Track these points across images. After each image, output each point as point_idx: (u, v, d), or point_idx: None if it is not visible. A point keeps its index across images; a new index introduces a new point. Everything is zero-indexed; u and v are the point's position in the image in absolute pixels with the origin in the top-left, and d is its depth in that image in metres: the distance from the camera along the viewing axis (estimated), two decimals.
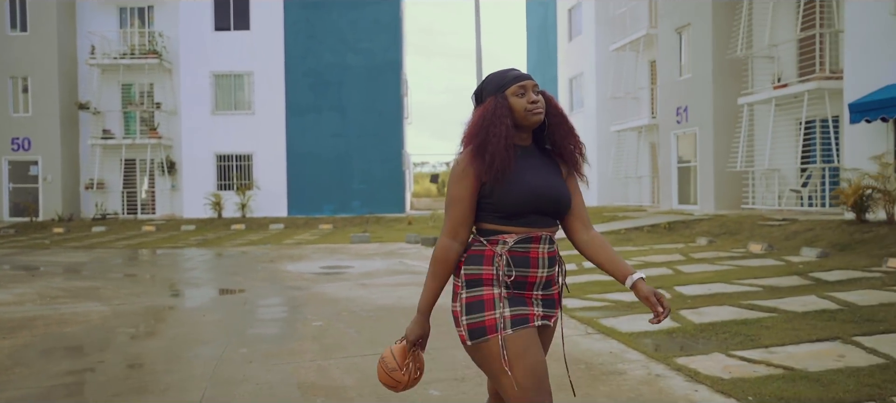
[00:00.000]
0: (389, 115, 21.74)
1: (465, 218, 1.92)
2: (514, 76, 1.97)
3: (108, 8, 22.03)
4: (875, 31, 11.27)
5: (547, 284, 1.97)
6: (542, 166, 1.99)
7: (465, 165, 1.92)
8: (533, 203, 1.91)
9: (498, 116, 1.91)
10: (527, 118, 1.93)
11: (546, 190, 1.94)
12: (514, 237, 1.91)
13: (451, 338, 3.00)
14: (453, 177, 1.95)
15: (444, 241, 1.94)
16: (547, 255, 1.95)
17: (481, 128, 1.91)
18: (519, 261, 1.90)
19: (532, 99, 1.93)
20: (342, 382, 4.19)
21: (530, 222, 1.92)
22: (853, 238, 9.67)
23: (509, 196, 1.88)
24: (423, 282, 1.99)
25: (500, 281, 1.89)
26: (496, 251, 1.90)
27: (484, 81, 2.04)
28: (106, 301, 7.50)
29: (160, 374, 4.51)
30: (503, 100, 1.93)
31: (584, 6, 23.10)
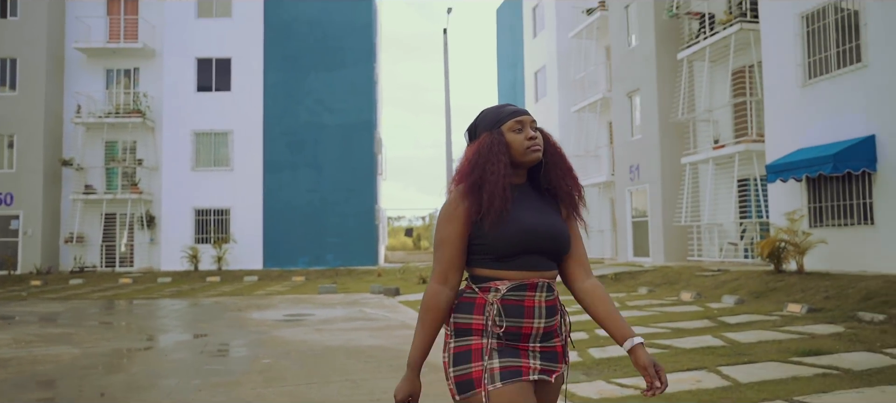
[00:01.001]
0: (363, 172, 22.76)
1: (455, 261, 1.78)
2: (511, 111, 1.86)
3: (95, 69, 23.12)
4: (788, 100, 12.56)
5: (546, 336, 1.79)
6: (538, 205, 1.85)
7: (455, 204, 1.79)
8: (528, 243, 1.76)
9: (494, 153, 1.79)
10: (525, 155, 1.82)
11: (543, 228, 1.79)
12: (506, 284, 1.75)
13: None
14: (443, 218, 1.81)
15: (434, 287, 1.78)
16: (545, 304, 1.78)
17: (476, 165, 1.79)
18: (512, 310, 1.74)
19: (530, 135, 1.82)
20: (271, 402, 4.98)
21: (526, 265, 1.76)
22: (768, 286, 10.63)
23: (503, 237, 1.74)
24: (414, 331, 1.83)
25: (489, 331, 1.73)
26: (488, 299, 1.75)
27: (479, 116, 1.91)
28: (77, 344, 8.19)
29: (120, 400, 5.26)
30: (500, 136, 1.82)
31: (547, 69, 24.60)
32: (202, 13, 22.95)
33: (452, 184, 1.85)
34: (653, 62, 17.34)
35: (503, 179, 1.76)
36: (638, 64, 18.11)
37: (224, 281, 19.21)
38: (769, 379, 5.27)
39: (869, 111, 10.80)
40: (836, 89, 11.50)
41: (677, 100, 16.70)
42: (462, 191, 1.80)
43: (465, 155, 1.87)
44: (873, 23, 10.73)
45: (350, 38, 22.94)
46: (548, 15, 24.57)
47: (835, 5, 11.57)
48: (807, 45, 12.21)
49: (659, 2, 17.27)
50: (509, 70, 28.86)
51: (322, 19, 22.88)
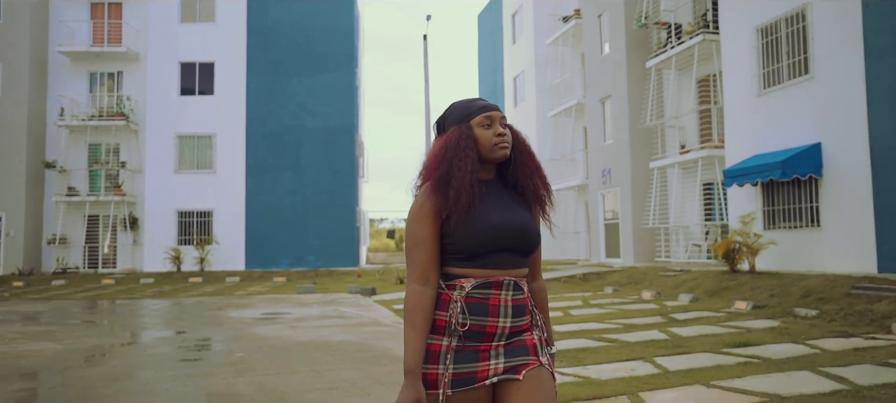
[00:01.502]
0: (344, 175, 23.20)
1: (432, 261, 1.74)
2: (481, 105, 1.82)
3: (79, 73, 23.37)
4: (745, 109, 13.20)
5: (514, 334, 1.75)
6: (506, 201, 1.81)
7: (422, 203, 1.75)
8: (497, 241, 1.73)
9: (462, 148, 1.76)
10: (493, 152, 1.79)
11: (512, 226, 1.76)
12: (472, 281, 1.73)
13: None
14: (412, 218, 1.77)
15: (415, 287, 1.74)
16: (511, 303, 1.75)
17: (443, 159, 1.76)
18: (476, 309, 1.72)
19: (499, 131, 1.79)
20: (242, 391, 5.44)
21: (494, 263, 1.74)
22: (722, 285, 11.23)
23: (471, 235, 1.71)
24: (403, 336, 1.74)
25: (452, 330, 1.71)
26: (452, 296, 1.73)
27: (448, 109, 1.88)
28: (59, 341, 8.59)
29: (99, 389, 5.70)
30: (468, 131, 1.78)
31: (526, 75, 25.19)
32: (186, 18, 23.28)
33: (419, 178, 1.83)
34: (623, 70, 17.96)
35: (470, 175, 1.73)
36: (610, 71, 18.73)
37: (206, 282, 19.56)
38: (696, 368, 5.83)
39: (815, 120, 11.44)
40: (787, 99, 12.15)
41: (647, 107, 17.32)
42: (429, 187, 1.76)
43: (433, 149, 1.83)
44: (819, 37, 11.38)
45: (332, 43, 23.38)
46: (526, 22, 25.16)
47: (786, 19, 12.22)
48: (761, 57, 12.85)
49: (629, 12, 17.89)
50: (490, 74, 29.43)
51: (304, 24, 23.31)
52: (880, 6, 10.23)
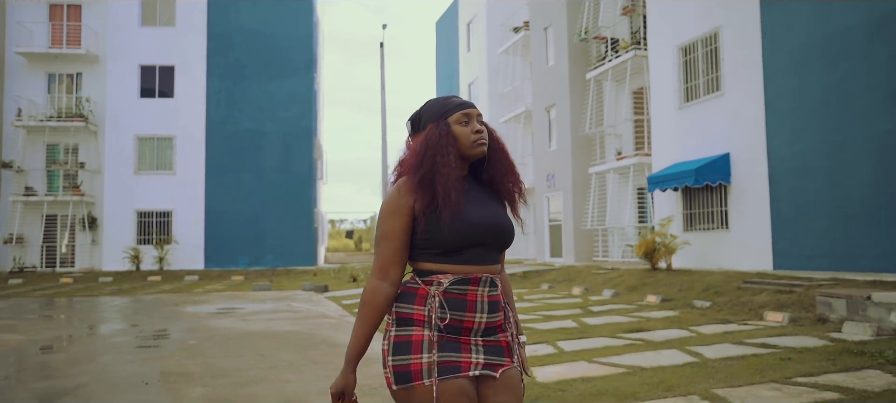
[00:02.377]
0: (302, 177, 23.88)
1: (396, 257, 1.75)
2: (458, 103, 1.83)
3: (36, 73, 23.51)
4: (669, 120, 14.44)
5: (489, 331, 1.78)
6: (482, 198, 1.84)
7: (400, 198, 1.75)
8: (475, 237, 1.75)
9: (444, 145, 1.76)
10: (471, 149, 1.80)
11: (489, 222, 1.78)
12: (449, 277, 1.74)
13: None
14: (385, 212, 1.77)
15: (373, 283, 1.75)
16: (487, 299, 1.76)
17: (425, 157, 1.75)
18: (454, 304, 1.73)
19: (477, 128, 1.81)
20: (192, 370, 6.26)
21: (471, 259, 1.75)
22: (642, 281, 12.39)
23: (450, 231, 1.72)
24: (352, 329, 1.79)
25: (432, 323, 1.72)
26: (430, 291, 1.74)
27: (423, 107, 1.89)
28: (22, 333, 9.21)
29: (63, 370, 6.45)
30: (447, 128, 1.79)
31: (479, 82, 26.26)
32: (146, 22, 23.65)
33: (394, 174, 1.84)
34: (566, 80, 19.14)
35: (455, 171, 1.74)
36: (554, 81, 19.89)
37: (165, 281, 20.03)
38: (587, 349, 6.85)
39: (725, 133, 12.71)
40: (703, 113, 13.41)
41: (586, 116, 18.50)
42: (409, 184, 1.75)
43: (411, 146, 1.83)
44: (728, 58, 12.65)
45: (291, 48, 24.04)
46: (479, 31, 26.23)
47: (702, 40, 13.49)
48: (683, 74, 14.11)
49: (572, 26, 19.07)
50: (447, 80, 30.42)
51: (264, 30, 23.91)
52: (776, 33, 11.51)
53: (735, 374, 5.48)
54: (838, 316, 7.71)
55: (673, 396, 4.85)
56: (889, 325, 7.10)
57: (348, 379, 1.74)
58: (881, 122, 9.59)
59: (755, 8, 11.94)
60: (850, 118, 10.07)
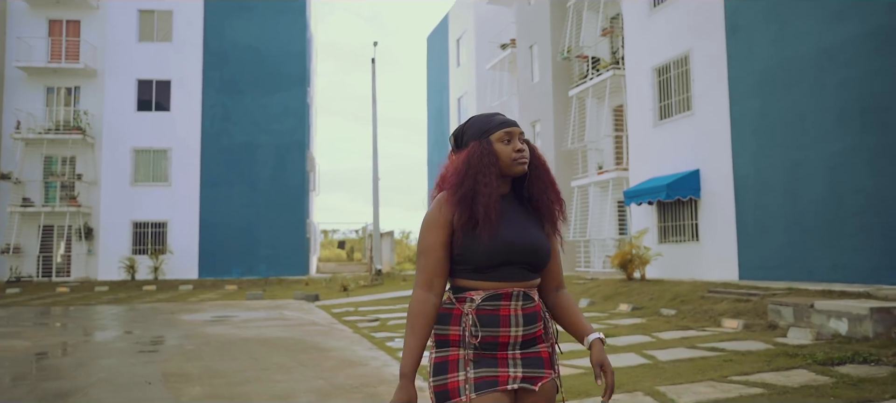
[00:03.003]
0: (295, 189, 24.49)
1: (439, 268, 1.79)
2: (501, 121, 1.87)
3: (35, 87, 24.07)
4: (645, 137, 15.16)
5: (528, 343, 1.80)
6: (520, 216, 1.86)
7: (440, 211, 1.80)
8: (507, 256, 1.77)
9: (485, 164, 1.80)
10: (512, 167, 1.83)
11: (523, 241, 1.80)
12: (481, 294, 1.77)
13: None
14: (427, 225, 1.81)
15: (420, 294, 1.79)
16: (522, 312, 1.78)
17: (468, 175, 1.79)
18: (487, 320, 1.76)
19: (518, 147, 1.84)
20: (190, 372, 6.85)
21: (503, 276, 1.78)
22: (617, 291, 13.05)
23: (484, 249, 1.75)
24: (404, 339, 1.80)
25: (466, 342, 1.75)
26: (463, 309, 1.77)
27: (467, 123, 1.92)
28: (28, 339, 9.77)
29: (71, 371, 7.04)
30: (489, 146, 1.83)
31: (468, 97, 26.99)
32: (144, 37, 24.28)
33: (436, 190, 1.88)
34: (550, 96, 19.87)
35: (496, 191, 1.77)
36: (539, 97, 20.62)
37: (160, 290, 20.54)
38: None
39: (696, 150, 13.43)
40: (676, 130, 14.14)
41: (569, 131, 19.22)
42: (450, 199, 1.79)
43: (454, 163, 1.86)
44: (698, 79, 13.40)
45: (285, 63, 24.70)
46: (469, 47, 27.00)
47: (675, 62, 14.23)
48: (658, 93, 14.85)
49: (556, 44, 19.82)
50: (438, 94, 31.14)
51: (259, 46, 24.58)
52: (739, 58, 12.26)
53: (680, 374, 6.13)
54: (786, 322, 8.38)
55: (620, 393, 5.49)
56: (828, 331, 7.77)
57: (410, 393, 1.74)
58: (832, 143, 10.31)
59: (721, 34, 12.70)
60: (804, 138, 10.80)
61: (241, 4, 24.59)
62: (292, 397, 5.63)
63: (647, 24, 15.18)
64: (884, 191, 9.51)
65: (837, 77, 10.20)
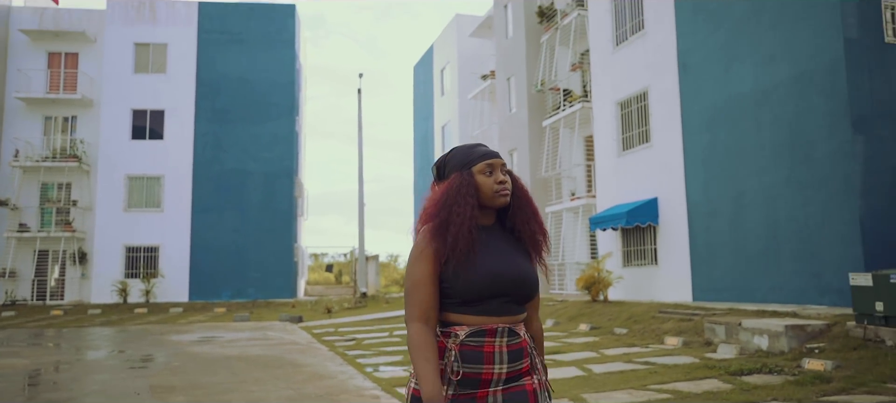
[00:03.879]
0: (283, 214, 25.34)
1: (432, 301, 1.76)
2: (482, 153, 1.87)
3: (34, 116, 24.96)
4: (610, 166, 16.13)
5: (512, 379, 1.76)
6: (505, 247, 1.84)
7: (423, 246, 1.78)
8: (493, 287, 1.75)
9: (462, 195, 1.79)
10: (494, 199, 1.82)
11: (509, 273, 1.78)
12: (466, 329, 1.74)
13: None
14: (412, 259, 1.79)
15: (417, 326, 1.74)
16: (507, 349, 1.75)
17: (444, 206, 1.79)
18: (470, 356, 1.73)
19: (500, 178, 1.83)
20: (176, 384, 7.66)
21: (489, 310, 1.75)
22: (581, 312, 13.89)
23: (468, 281, 1.74)
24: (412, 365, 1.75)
25: (447, 378, 1.73)
26: (447, 344, 1.75)
27: (449, 154, 1.93)
28: (27, 357, 10.53)
29: (68, 384, 7.83)
30: (469, 178, 1.82)
31: (451, 125, 28.02)
32: (139, 69, 25.27)
33: (419, 223, 1.85)
34: (526, 126, 20.89)
35: (469, 221, 1.76)
36: (516, 127, 21.64)
37: (151, 313, 21.24)
38: None
39: (654, 179, 14.39)
40: (637, 161, 15.11)
41: (543, 159, 20.20)
42: (430, 231, 1.78)
43: (433, 195, 1.86)
44: (655, 114, 14.41)
45: (274, 94, 25.70)
46: (452, 77, 28.09)
47: (636, 97, 15.26)
48: (621, 125, 15.85)
49: (532, 77, 20.89)
50: (423, 122, 32.19)
51: (249, 77, 25.59)
52: (690, 95, 13.28)
53: (606, 384, 6.98)
54: (719, 339, 9.26)
55: None
56: (752, 346, 8.65)
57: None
58: (768, 175, 11.28)
59: (674, 73, 13.74)
60: (746, 170, 11.77)
61: (232, 38, 25.64)
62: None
63: (610, 61, 16.24)
64: (811, 220, 10.46)
65: (771, 115, 11.21)
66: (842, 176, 9.90)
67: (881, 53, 9.99)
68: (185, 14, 25.58)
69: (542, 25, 20.62)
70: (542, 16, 20.42)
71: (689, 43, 13.36)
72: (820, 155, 10.30)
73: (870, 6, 10.02)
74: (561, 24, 19.14)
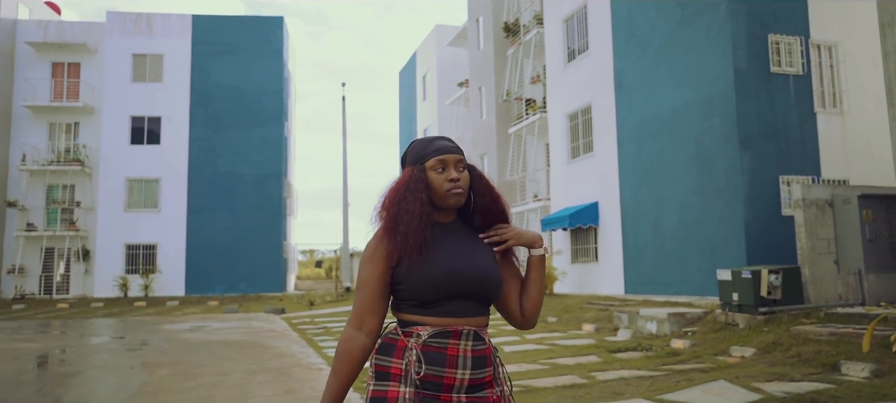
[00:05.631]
0: (272, 214, 27.08)
1: (372, 305, 1.69)
2: (435, 148, 1.76)
3: (39, 123, 26.71)
4: (562, 172, 17.83)
5: (474, 387, 1.67)
6: (466, 245, 1.74)
7: (374, 246, 1.71)
8: (452, 287, 1.66)
9: (411, 190, 1.70)
10: (446, 199, 1.72)
11: (468, 271, 1.69)
12: (429, 329, 1.65)
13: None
14: (364, 258, 1.72)
15: (348, 332, 1.69)
16: (470, 354, 1.66)
17: (393, 203, 1.71)
18: (433, 358, 1.64)
19: (452, 176, 1.72)
20: (162, 361, 9.39)
21: (451, 311, 1.67)
22: None
23: (422, 280, 1.65)
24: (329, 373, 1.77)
25: (409, 379, 1.64)
26: (408, 343, 1.66)
27: (410, 147, 1.84)
28: (39, 342, 12.30)
29: (75, 362, 9.58)
30: (420, 174, 1.73)
31: (431, 129, 29.74)
32: (137, 78, 26.99)
33: (377, 214, 1.77)
34: (494, 133, 22.58)
35: (419, 219, 1.66)
36: (487, 133, 23.32)
37: (149, 306, 23.02)
38: None
39: (596, 184, 16.09)
40: (583, 168, 16.81)
41: (508, 164, 21.91)
42: (381, 231, 1.72)
43: (387, 190, 1.77)
44: (597, 126, 16.09)
45: (264, 101, 27.41)
46: (432, 84, 29.79)
47: (581, 110, 16.94)
48: (570, 135, 17.54)
49: (500, 87, 22.56)
50: (407, 125, 33.88)
51: (240, 85, 27.29)
52: (623, 111, 14.96)
53: (509, 360, 8.69)
54: (622, 325, 10.97)
55: None
56: (644, 331, 10.37)
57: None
58: (681, 184, 12.98)
59: (611, 90, 15.42)
60: (664, 179, 13.47)
61: (224, 48, 27.34)
62: (230, 374, 8.19)
63: (562, 76, 17.92)
64: (711, 224, 12.17)
65: (683, 132, 12.90)
66: (732, 187, 11.60)
67: (767, 81, 11.67)
68: (179, 26, 27.28)
69: (508, 39, 22.29)
70: (508, 31, 22.09)
71: (623, 64, 15.04)
72: (718, 168, 12.00)
73: (758, 41, 11.69)
74: (523, 39, 20.82)
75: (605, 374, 7.24)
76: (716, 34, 11.97)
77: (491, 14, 23.06)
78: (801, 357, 7.13)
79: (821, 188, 9.85)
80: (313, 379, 7.67)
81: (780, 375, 6.58)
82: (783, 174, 11.54)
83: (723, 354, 8.15)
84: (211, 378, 7.92)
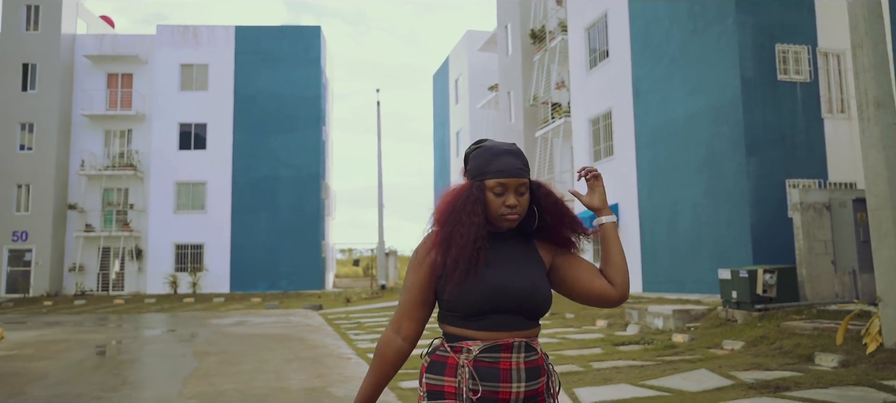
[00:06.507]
0: (312, 215, 28.39)
1: (411, 311, 1.68)
2: (498, 168, 1.68)
3: (95, 130, 28.63)
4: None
5: (529, 400, 1.64)
6: (514, 258, 1.71)
7: (423, 254, 1.70)
8: (497, 302, 1.62)
9: (468, 212, 1.65)
10: (498, 221, 1.68)
11: (515, 287, 1.65)
12: (479, 344, 1.61)
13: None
14: (412, 262, 1.72)
15: (387, 334, 1.69)
16: (524, 366, 1.63)
17: (449, 218, 1.67)
18: (486, 374, 1.60)
19: (510, 202, 1.67)
20: (209, 351, 10.52)
21: (498, 325, 1.62)
22: None
23: (469, 295, 1.61)
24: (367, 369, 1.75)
25: (463, 397, 1.60)
26: (459, 360, 1.62)
27: (476, 149, 1.77)
28: (102, 333, 13.66)
29: (135, 349, 10.80)
30: (479, 193, 1.67)
31: (463, 131, 30.61)
32: (184, 87, 28.66)
33: (432, 224, 1.73)
34: (522, 136, 23.30)
35: (472, 244, 1.63)
36: (515, 137, 24.05)
37: (197, 302, 24.54)
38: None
39: (616, 187, 16.69)
40: (604, 171, 17.40)
41: (535, 167, 22.59)
42: (433, 238, 1.69)
43: (445, 196, 1.73)
44: (617, 131, 16.69)
45: (303, 107, 28.75)
46: (464, 87, 30.64)
47: (603, 116, 17.55)
48: (593, 139, 18.16)
49: (527, 92, 23.27)
50: (441, 127, 34.83)
51: (281, 93, 28.68)
52: (641, 117, 15.53)
53: None
54: (632, 321, 11.64)
55: None
56: (651, 326, 11.02)
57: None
58: (693, 187, 13.53)
59: (629, 96, 16.00)
60: (678, 183, 14.03)
61: (265, 58, 28.78)
62: (269, 361, 9.23)
63: (585, 83, 18.55)
64: (721, 226, 12.70)
65: (695, 138, 13.45)
66: (740, 191, 12.13)
67: (774, 89, 12.15)
68: (223, 37, 28.83)
69: (535, 46, 22.98)
70: (535, 37, 22.78)
71: (641, 72, 15.61)
72: (727, 173, 12.53)
73: (765, 50, 12.18)
74: (549, 46, 21.49)
75: (601, 363, 7.98)
76: (724, 45, 12.49)
77: (519, 21, 23.78)
78: (781, 350, 7.74)
79: (819, 192, 10.34)
80: (342, 367, 8.64)
81: (758, 365, 7.22)
82: (790, 178, 12.01)
83: (715, 347, 8.79)
84: (252, 364, 8.97)
